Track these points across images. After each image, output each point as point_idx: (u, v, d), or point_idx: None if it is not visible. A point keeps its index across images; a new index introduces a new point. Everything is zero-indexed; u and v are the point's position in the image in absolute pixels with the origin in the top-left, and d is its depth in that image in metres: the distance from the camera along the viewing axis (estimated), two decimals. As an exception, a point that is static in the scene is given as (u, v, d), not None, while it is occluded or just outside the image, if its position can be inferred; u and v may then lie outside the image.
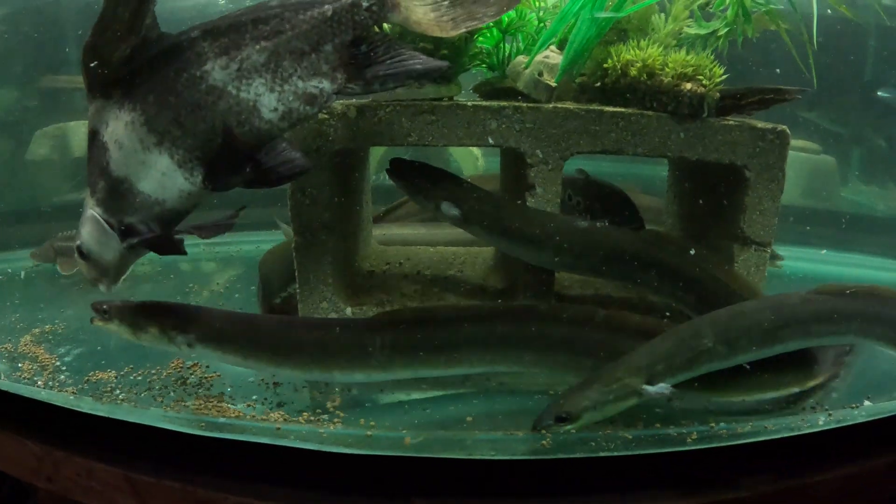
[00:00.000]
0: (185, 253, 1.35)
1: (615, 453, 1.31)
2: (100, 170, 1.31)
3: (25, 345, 1.89)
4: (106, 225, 1.33)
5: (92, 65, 1.25)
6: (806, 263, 2.67)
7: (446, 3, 1.26)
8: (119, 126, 1.27)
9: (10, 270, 2.62)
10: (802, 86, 1.76)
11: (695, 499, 1.29)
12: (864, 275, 2.72)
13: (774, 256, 2.42)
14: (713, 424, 1.43)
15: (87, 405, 1.53)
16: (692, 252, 1.67)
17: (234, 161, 1.26)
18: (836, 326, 1.55)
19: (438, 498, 1.28)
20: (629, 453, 1.33)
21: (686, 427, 1.42)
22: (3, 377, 1.66)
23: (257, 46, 1.24)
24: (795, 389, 1.59)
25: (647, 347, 1.44)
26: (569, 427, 1.34)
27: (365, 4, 1.25)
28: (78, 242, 1.37)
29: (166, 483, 1.35)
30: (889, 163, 3.47)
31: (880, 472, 1.41)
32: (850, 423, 1.47)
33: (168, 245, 1.34)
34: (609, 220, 1.69)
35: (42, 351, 1.84)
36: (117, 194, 1.31)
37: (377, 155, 2.81)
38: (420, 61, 1.25)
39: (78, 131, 3.33)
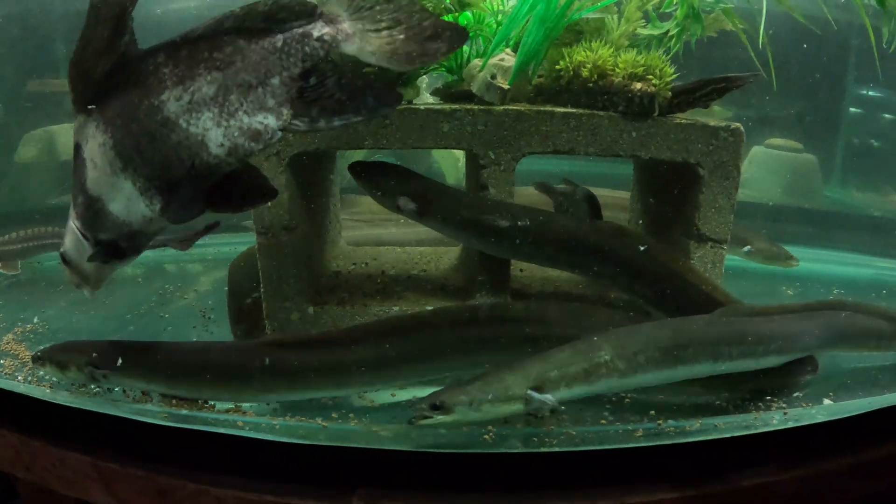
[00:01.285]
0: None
1: (556, 449, 1.35)
2: (80, 185, 1.33)
3: (7, 343, 1.96)
4: (82, 238, 1.38)
5: (75, 80, 1.26)
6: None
7: (401, 37, 1.21)
8: (95, 145, 1.29)
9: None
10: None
11: (638, 497, 1.32)
12: (843, 271, 2.75)
13: (789, 258, 2.46)
14: (661, 422, 1.46)
15: (62, 398, 1.59)
16: (648, 245, 1.70)
17: (188, 199, 1.27)
18: (749, 348, 1.52)
19: (382, 488, 1.33)
20: (573, 449, 1.36)
21: (633, 424, 1.45)
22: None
23: (209, 77, 1.21)
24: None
25: (542, 355, 1.42)
26: (442, 418, 1.32)
27: (316, 34, 1.20)
28: (62, 249, 1.43)
29: (130, 471, 1.42)
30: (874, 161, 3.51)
31: (844, 474, 1.44)
32: (808, 422, 1.48)
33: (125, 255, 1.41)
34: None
35: (23, 348, 1.90)
36: (93, 211, 1.34)
37: (355, 157, 2.87)
38: (372, 96, 1.20)
39: (64, 134, 3.43)
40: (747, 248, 2.48)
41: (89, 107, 1.27)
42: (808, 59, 2.92)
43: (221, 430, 1.44)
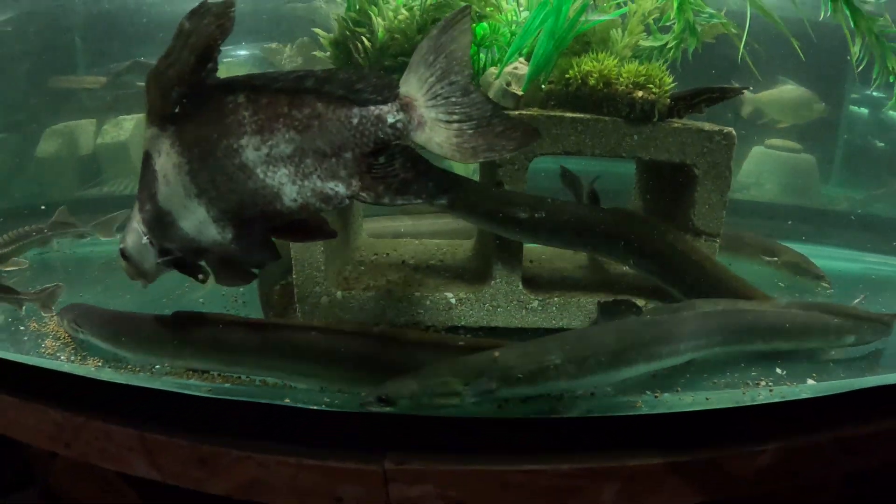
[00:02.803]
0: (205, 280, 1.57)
1: (566, 416, 1.56)
2: (149, 194, 1.41)
3: (49, 324, 2.12)
4: (148, 243, 1.48)
5: (153, 95, 1.33)
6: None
7: (470, 131, 1.28)
8: (169, 164, 1.36)
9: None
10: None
11: (635, 460, 1.50)
12: (834, 266, 2.94)
13: (819, 277, 2.50)
14: (657, 395, 1.67)
15: (106, 375, 1.76)
16: (657, 227, 1.94)
17: (261, 241, 1.40)
18: (674, 346, 1.67)
19: (412, 452, 1.51)
20: (582, 416, 1.57)
21: (634, 396, 1.66)
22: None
23: (287, 136, 1.29)
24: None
25: (486, 354, 1.54)
26: (387, 409, 1.47)
27: (390, 120, 1.28)
28: (122, 246, 1.52)
29: (177, 441, 1.58)
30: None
31: (826, 448, 1.61)
32: (793, 398, 1.67)
33: (194, 271, 1.55)
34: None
35: (63, 331, 2.03)
36: (161, 223, 1.43)
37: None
38: (433, 182, 1.32)
39: (85, 130, 3.61)
40: (773, 259, 2.57)
41: (163, 122, 1.35)
42: (807, 59, 3.11)
43: (263, 401, 1.61)
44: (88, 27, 3.57)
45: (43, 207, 3.11)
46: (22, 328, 2.13)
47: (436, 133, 1.28)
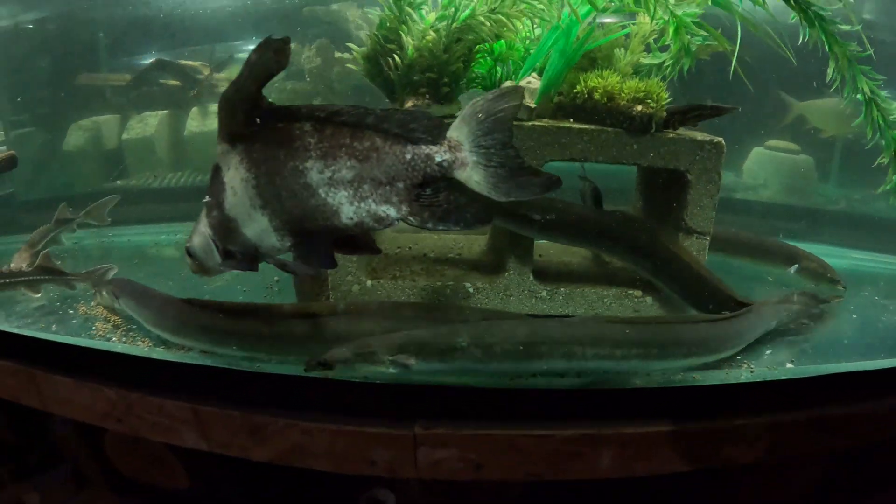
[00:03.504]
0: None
1: (567, 387, 1.82)
2: (217, 202, 1.60)
3: (96, 307, 2.32)
4: (213, 245, 1.67)
5: (224, 115, 1.53)
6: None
7: (504, 175, 1.52)
8: (237, 177, 1.55)
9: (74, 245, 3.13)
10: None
11: (630, 429, 1.68)
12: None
13: (835, 281, 2.60)
14: (648, 374, 1.92)
15: (158, 354, 1.96)
16: (651, 230, 2.24)
17: (319, 251, 1.61)
18: (604, 350, 1.82)
19: (438, 420, 1.70)
20: (584, 389, 1.84)
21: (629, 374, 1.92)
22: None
23: (348, 163, 1.52)
24: None
25: (409, 331, 1.78)
26: (327, 373, 1.71)
27: (437, 159, 1.52)
28: (188, 245, 1.70)
29: (229, 412, 1.75)
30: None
31: (807, 426, 1.77)
32: (773, 378, 1.90)
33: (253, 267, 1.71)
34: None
35: (110, 313, 2.24)
36: (226, 228, 1.62)
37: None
38: (471, 213, 1.55)
39: (109, 125, 3.83)
40: (795, 266, 2.73)
41: (233, 139, 1.55)
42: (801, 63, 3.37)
43: (309, 375, 1.79)
44: (113, 29, 3.77)
45: (117, 181, 3.41)
46: (70, 311, 2.31)
47: (475, 173, 1.53)
